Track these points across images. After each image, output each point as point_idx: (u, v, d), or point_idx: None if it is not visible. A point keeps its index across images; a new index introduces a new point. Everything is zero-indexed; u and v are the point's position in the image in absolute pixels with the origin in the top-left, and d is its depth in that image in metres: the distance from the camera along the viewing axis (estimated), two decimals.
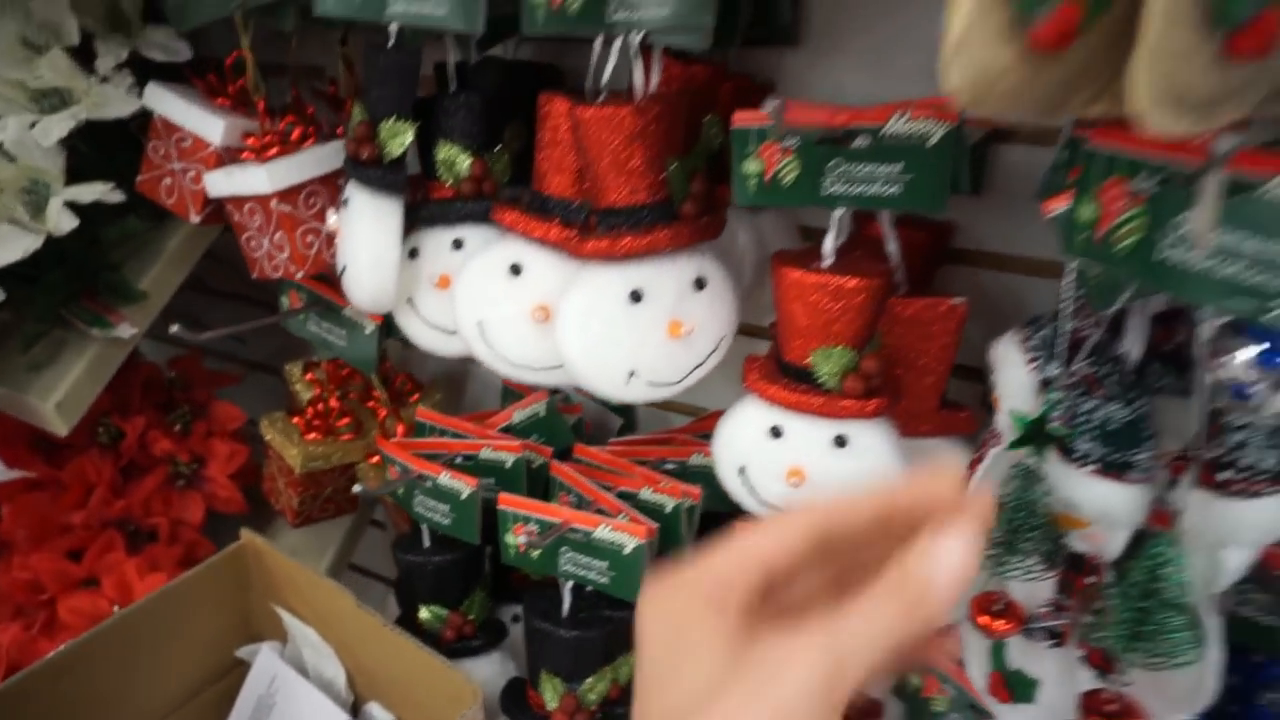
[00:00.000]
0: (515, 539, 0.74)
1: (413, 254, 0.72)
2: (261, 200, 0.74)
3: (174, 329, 0.77)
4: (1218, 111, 0.31)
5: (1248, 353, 0.39)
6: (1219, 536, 0.45)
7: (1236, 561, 0.46)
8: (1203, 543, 0.46)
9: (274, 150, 0.73)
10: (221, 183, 0.78)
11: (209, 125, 0.79)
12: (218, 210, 0.82)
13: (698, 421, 0.85)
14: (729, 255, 0.65)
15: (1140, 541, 0.50)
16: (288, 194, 0.74)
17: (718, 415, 0.63)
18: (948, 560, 0.30)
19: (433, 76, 0.71)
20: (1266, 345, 0.39)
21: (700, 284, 0.62)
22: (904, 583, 0.30)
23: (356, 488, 0.82)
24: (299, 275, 0.77)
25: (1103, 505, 0.49)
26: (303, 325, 0.88)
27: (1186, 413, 0.46)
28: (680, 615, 0.31)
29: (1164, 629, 0.47)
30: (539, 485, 0.80)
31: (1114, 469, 0.48)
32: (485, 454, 0.80)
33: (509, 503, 0.73)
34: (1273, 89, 0.32)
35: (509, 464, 0.79)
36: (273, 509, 1.03)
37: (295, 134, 0.76)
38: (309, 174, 0.74)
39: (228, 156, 0.79)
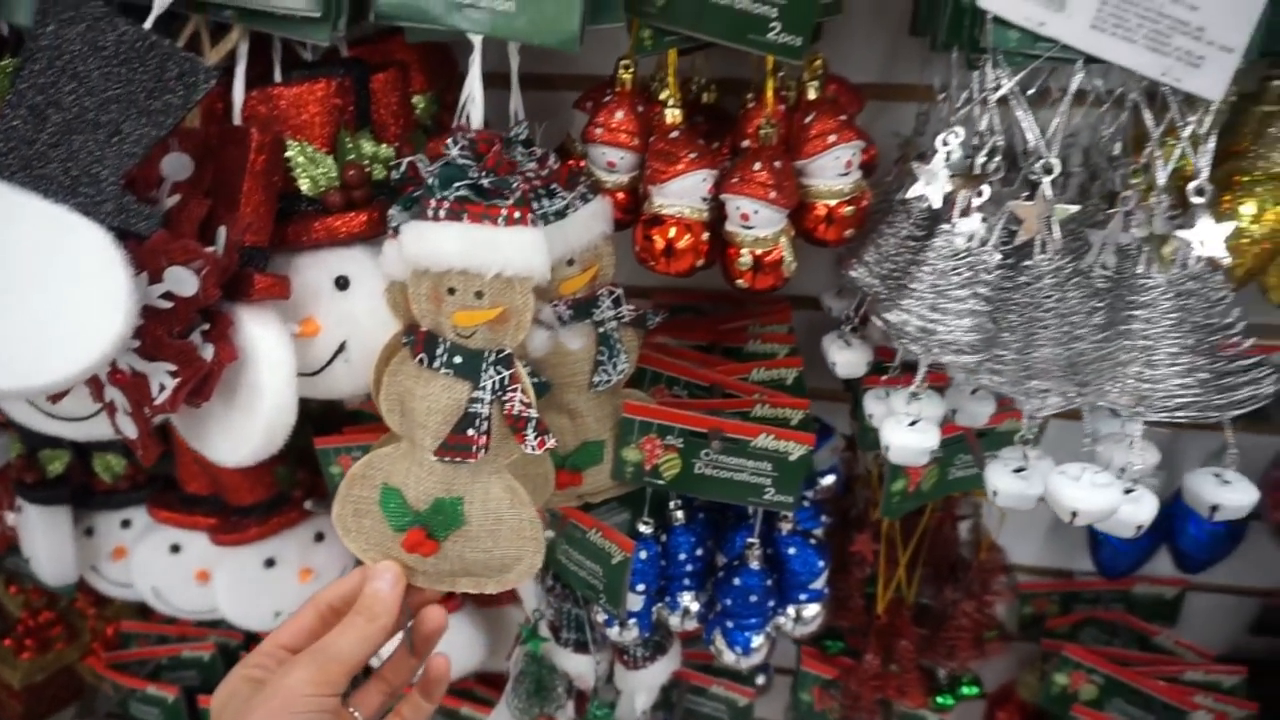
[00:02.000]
0: None
1: (89, 532, 0.89)
2: None
3: None
4: (442, 581, 0.57)
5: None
6: (631, 690, 0.77)
7: (642, 704, 0.78)
8: (627, 694, 0.78)
9: None
10: None
11: None
12: None
13: None
14: None
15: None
16: None
17: None
18: (382, 578, 0.52)
19: None
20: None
21: (319, 537, 0.86)
22: (361, 601, 0.51)
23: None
24: None
25: (577, 668, 0.79)
26: (3, 560, 1.01)
27: None
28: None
29: None
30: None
31: (582, 646, 0.79)
32: (186, 655, 1.00)
33: (209, 702, 0.94)
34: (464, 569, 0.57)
35: (206, 659, 1.00)
36: None
37: None
38: None
39: None
